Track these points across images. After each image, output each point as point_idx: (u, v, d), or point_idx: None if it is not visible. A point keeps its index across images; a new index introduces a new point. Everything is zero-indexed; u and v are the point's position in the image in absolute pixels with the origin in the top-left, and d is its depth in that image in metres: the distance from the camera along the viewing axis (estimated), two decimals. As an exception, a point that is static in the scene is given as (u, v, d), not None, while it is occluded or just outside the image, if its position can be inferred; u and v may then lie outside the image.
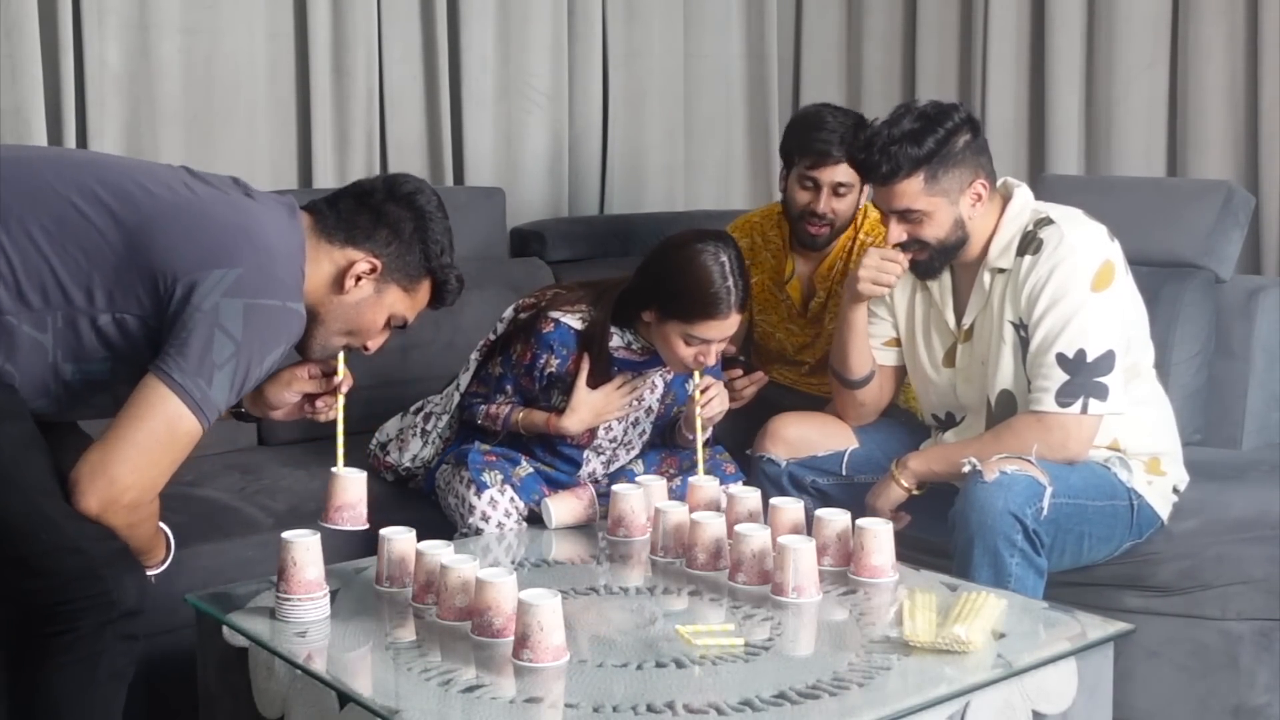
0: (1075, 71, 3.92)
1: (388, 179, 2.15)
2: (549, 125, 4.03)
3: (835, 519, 2.30)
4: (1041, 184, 3.32)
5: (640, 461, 2.78)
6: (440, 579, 2.03)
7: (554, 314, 2.63)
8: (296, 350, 2.09)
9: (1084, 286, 2.40)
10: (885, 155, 2.40)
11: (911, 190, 2.43)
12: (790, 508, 2.34)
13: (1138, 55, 3.80)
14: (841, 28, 4.54)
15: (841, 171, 2.90)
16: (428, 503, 2.73)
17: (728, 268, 2.50)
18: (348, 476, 2.19)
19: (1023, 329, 2.46)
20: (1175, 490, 2.58)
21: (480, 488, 2.55)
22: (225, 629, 2.05)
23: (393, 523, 2.24)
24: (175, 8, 3.38)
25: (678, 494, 2.58)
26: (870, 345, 2.67)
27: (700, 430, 2.59)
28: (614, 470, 2.76)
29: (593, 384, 2.61)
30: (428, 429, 2.77)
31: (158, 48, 3.36)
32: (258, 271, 1.92)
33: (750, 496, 2.40)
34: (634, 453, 2.78)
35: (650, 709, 1.73)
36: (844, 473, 2.72)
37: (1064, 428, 2.40)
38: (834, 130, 2.89)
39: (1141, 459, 2.52)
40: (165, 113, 3.38)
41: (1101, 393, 2.39)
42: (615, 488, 2.48)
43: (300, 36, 3.59)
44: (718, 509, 2.42)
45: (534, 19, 3.96)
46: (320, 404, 2.23)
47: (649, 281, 2.58)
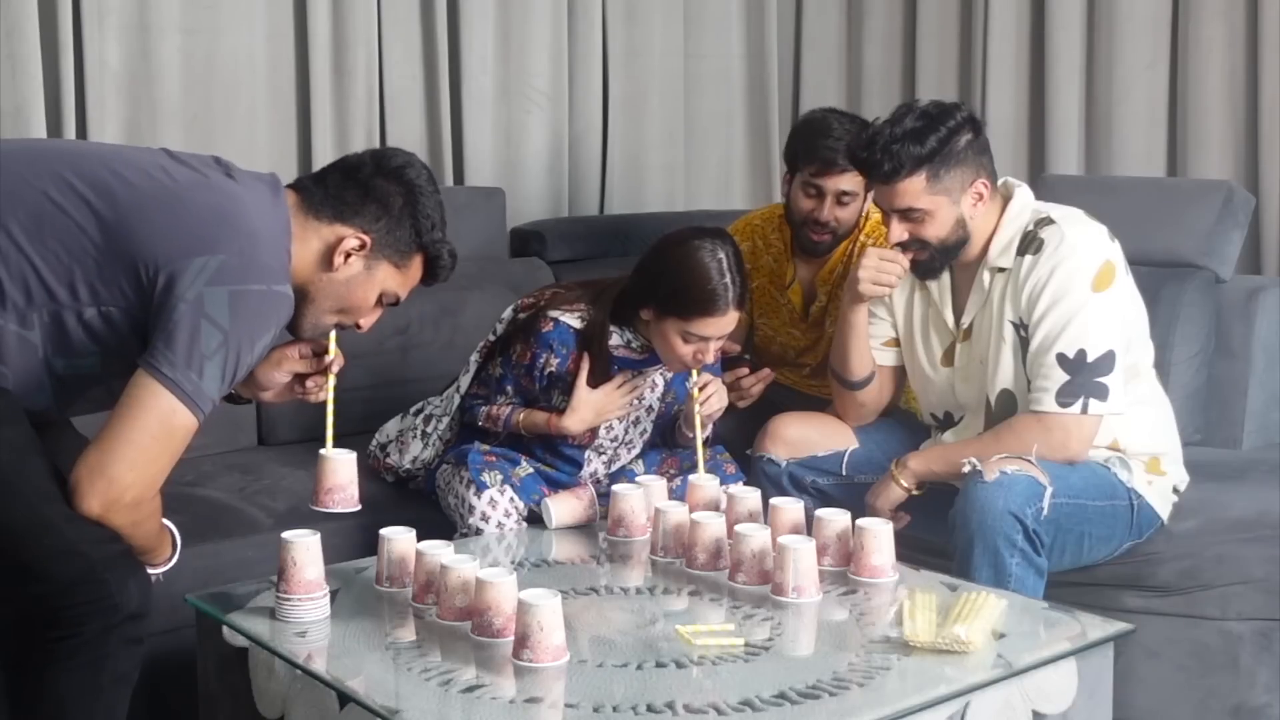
0: (1075, 71, 3.92)
1: (376, 153, 2.10)
2: (549, 125, 4.03)
3: (835, 519, 2.30)
4: (1041, 184, 3.31)
5: (640, 461, 2.78)
6: (440, 579, 2.03)
7: (553, 313, 2.62)
8: (288, 330, 2.05)
9: (1085, 287, 2.40)
10: (887, 154, 2.40)
11: (913, 189, 2.42)
12: (790, 508, 2.34)
13: (1138, 55, 3.80)
14: (841, 28, 4.54)
15: (847, 180, 2.86)
16: (428, 503, 2.73)
17: (725, 265, 2.49)
18: (337, 458, 2.15)
19: (1023, 329, 2.46)
20: (1175, 490, 2.58)
21: (480, 488, 2.55)
22: (225, 629, 2.05)
23: (393, 523, 2.24)
24: (175, 8, 3.37)
25: (678, 494, 2.58)
26: (870, 346, 2.67)
27: (700, 428, 2.59)
28: (615, 470, 2.76)
29: (593, 383, 2.61)
30: (428, 431, 2.77)
31: (158, 48, 3.36)
32: (240, 257, 1.88)
33: (750, 496, 2.40)
34: (635, 452, 2.78)
35: (650, 709, 1.73)
36: (844, 473, 2.72)
37: (1064, 428, 2.40)
38: (840, 138, 2.84)
39: (1141, 459, 2.52)
40: (165, 113, 3.38)
41: (1102, 393, 2.39)
42: (615, 488, 2.48)
43: (300, 36, 3.59)
44: (717, 508, 2.42)
45: (534, 19, 3.96)
46: (311, 384, 2.18)
47: (647, 279, 2.58)
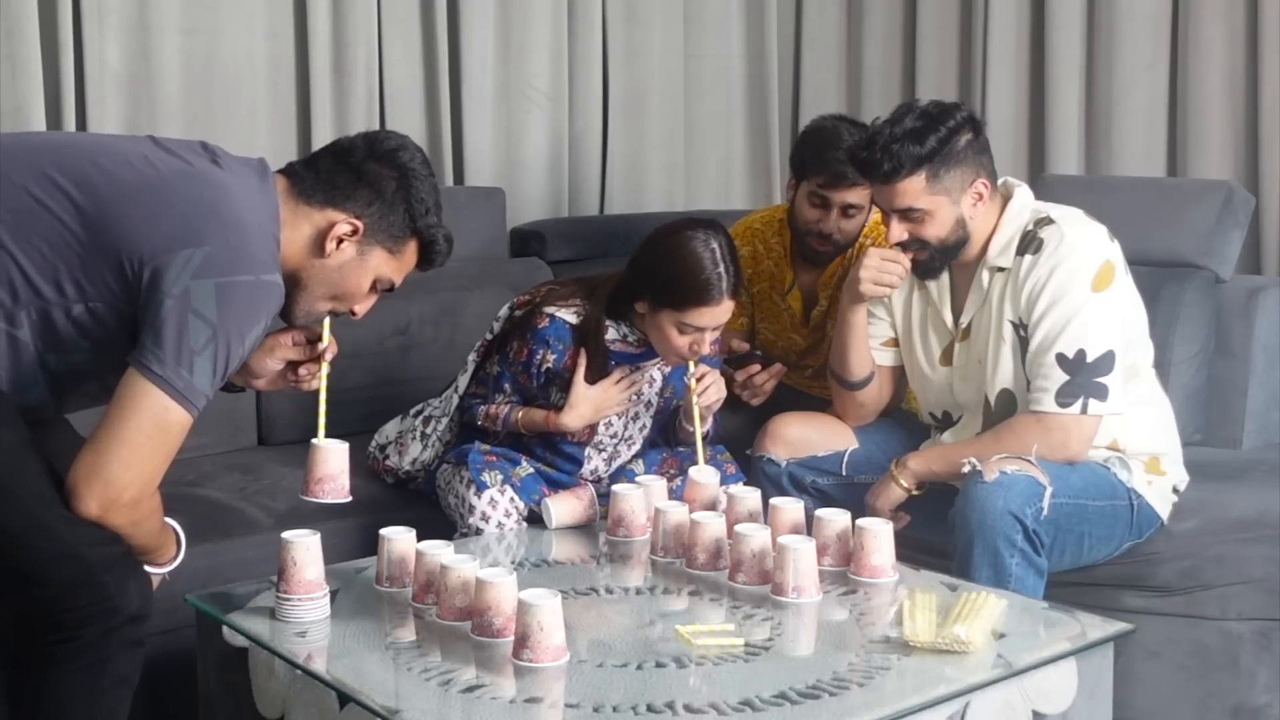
0: (1075, 71, 3.92)
1: (368, 136, 2.05)
2: (549, 125, 4.03)
3: (835, 519, 2.30)
4: (1041, 184, 3.31)
5: (641, 461, 2.78)
6: (440, 579, 2.03)
7: (548, 309, 2.63)
8: (280, 317, 2.02)
9: (1084, 287, 2.40)
10: (887, 153, 2.40)
11: (913, 189, 2.42)
12: (790, 508, 2.34)
13: (1138, 55, 3.80)
14: (841, 28, 4.53)
15: (854, 193, 2.83)
16: (428, 503, 2.73)
17: (718, 254, 2.49)
18: (328, 448, 2.11)
19: (1022, 329, 2.46)
20: (1175, 490, 2.58)
21: (480, 488, 2.55)
22: (225, 629, 2.05)
23: (393, 523, 2.24)
24: (175, 8, 3.37)
25: (678, 494, 2.58)
26: (869, 346, 2.67)
27: (699, 421, 2.59)
28: (616, 468, 2.76)
29: (590, 379, 2.61)
30: (427, 432, 2.77)
31: (158, 48, 3.35)
32: (226, 248, 1.84)
33: (750, 496, 2.40)
34: (635, 448, 2.78)
35: (650, 709, 1.73)
36: (844, 473, 2.72)
37: (1064, 428, 2.40)
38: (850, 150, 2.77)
39: (1141, 459, 2.52)
40: (165, 113, 3.37)
41: (1101, 393, 2.39)
42: (615, 488, 2.48)
43: (300, 36, 3.59)
44: (715, 506, 2.42)
45: (534, 19, 3.96)
46: (304, 371, 2.15)
47: (641, 272, 2.58)
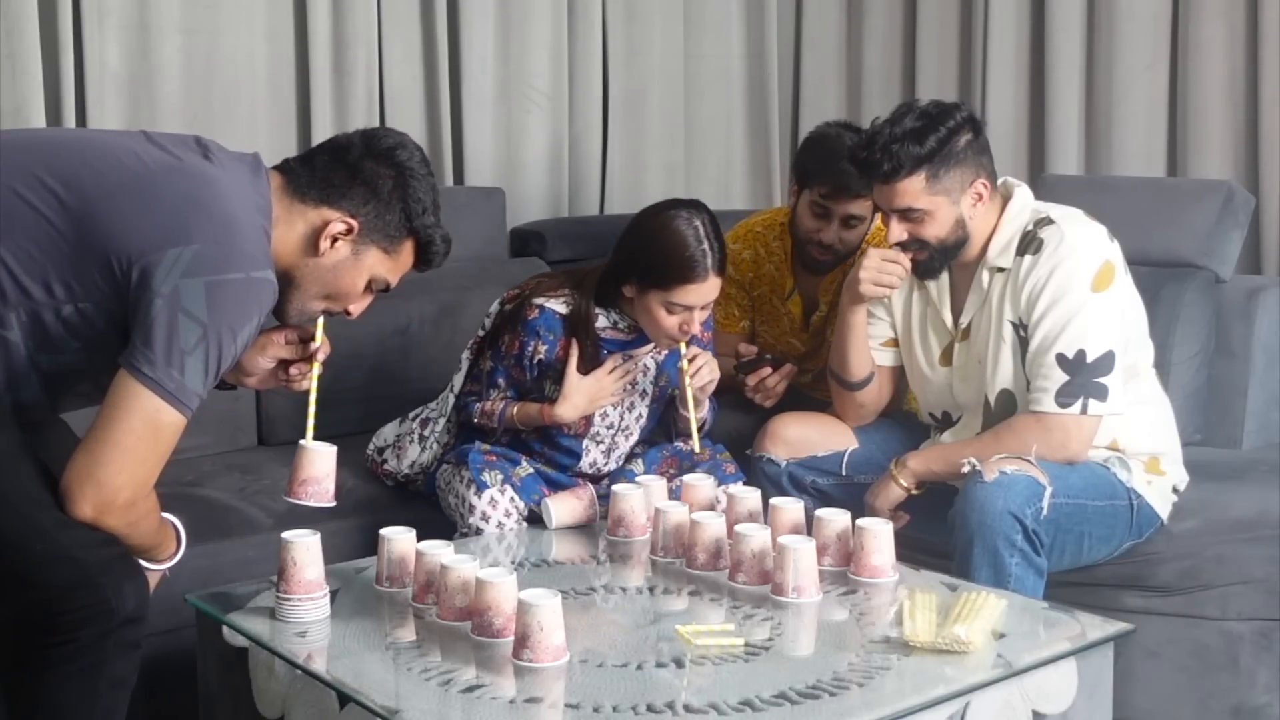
0: (1075, 71, 3.92)
1: (366, 134, 2.02)
2: (549, 125, 4.03)
3: (835, 519, 2.30)
4: (1041, 184, 3.31)
5: (640, 461, 2.78)
6: (440, 579, 2.03)
7: (538, 300, 2.63)
8: (274, 315, 1.99)
9: (1084, 287, 2.40)
10: (886, 153, 2.40)
11: (913, 189, 2.42)
12: (790, 508, 2.34)
13: (1138, 55, 3.80)
14: (841, 28, 4.53)
15: (857, 205, 2.81)
16: (428, 503, 2.72)
17: (702, 231, 2.51)
18: (315, 450, 2.09)
19: (1022, 329, 2.46)
20: (1175, 490, 2.58)
21: (480, 488, 2.55)
22: (225, 629, 2.05)
23: (393, 523, 2.24)
24: (175, 8, 3.37)
25: (678, 494, 2.58)
26: (869, 346, 2.67)
27: (694, 404, 2.60)
28: (615, 460, 2.76)
29: (583, 370, 2.61)
30: (424, 434, 2.77)
31: (158, 48, 3.35)
32: (216, 245, 1.81)
33: (750, 496, 2.40)
34: (633, 439, 2.78)
35: (650, 709, 1.73)
36: (844, 473, 2.72)
37: (1064, 428, 2.40)
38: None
39: (1141, 459, 2.52)
40: (165, 113, 3.37)
41: (1101, 393, 2.39)
42: (615, 488, 2.48)
43: (300, 36, 3.59)
44: (714, 506, 2.43)
45: (534, 19, 3.96)
46: (294, 371, 2.12)
47: (626, 255, 2.59)
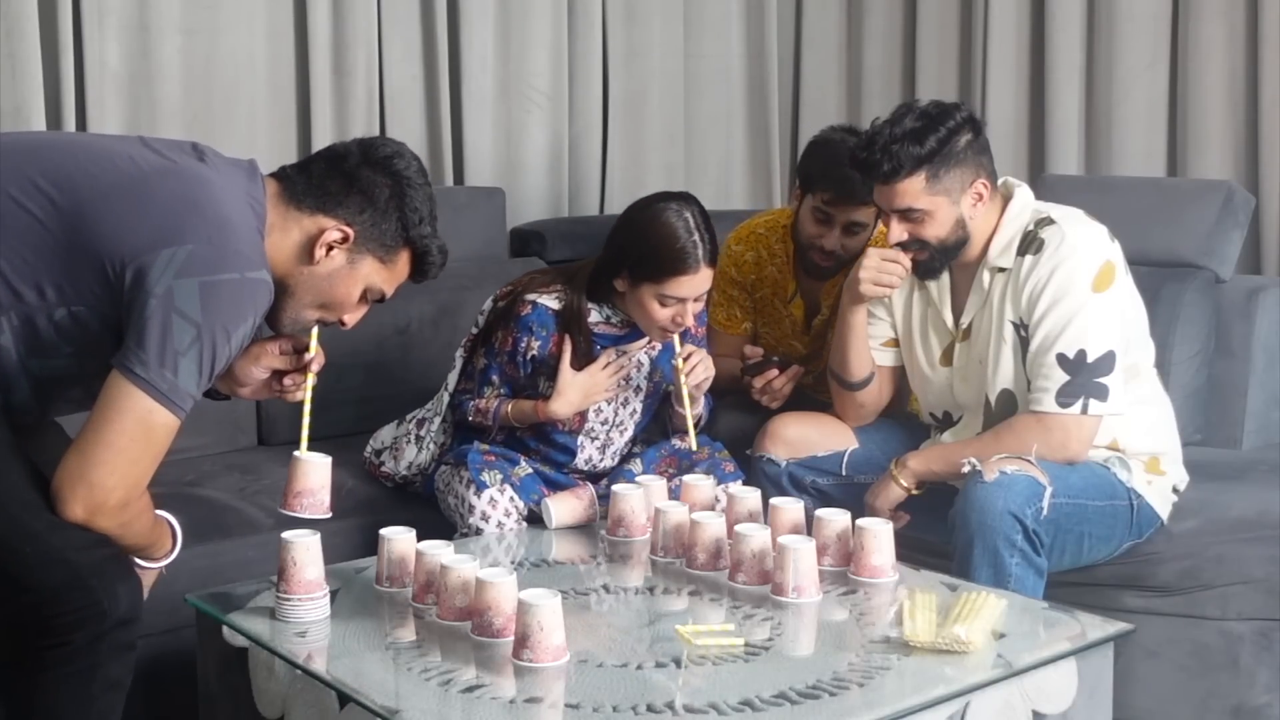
0: (1075, 71, 3.92)
1: (363, 142, 2.01)
2: (549, 125, 4.03)
3: (835, 519, 2.30)
4: (1041, 184, 3.31)
5: (639, 461, 2.78)
6: (440, 579, 2.03)
7: (530, 296, 2.64)
8: (267, 324, 1.97)
9: (1085, 287, 2.40)
10: (886, 154, 2.40)
11: (913, 189, 2.42)
12: (790, 508, 2.34)
13: (1138, 55, 3.80)
14: (841, 28, 4.53)
15: (860, 211, 2.79)
16: (427, 503, 2.72)
17: (692, 223, 2.51)
18: (310, 461, 2.08)
19: (1023, 329, 2.46)
20: (1175, 490, 2.58)
21: (480, 488, 2.55)
22: (225, 629, 2.05)
23: (392, 523, 2.24)
24: (175, 8, 3.37)
25: (677, 494, 2.58)
26: (869, 346, 2.67)
27: (689, 401, 2.60)
28: (611, 456, 2.77)
29: (576, 365, 2.61)
30: (421, 435, 2.77)
31: (158, 48, 3.35)
32: (209, 245, 1.80)
33: (750, 496, 2.40)
34: (628, 434, 2.79)
35: (650, 709, 1.73)
36: (844, 473, 2.72)
37: (1064, 428, 2.40)
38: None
39: (1141, 459, 2.52)
40: (165, 113, 3.37)
41: (1102, 393, 2.39)
42: (615, 488, 2.48)
43: (300, 36, 3.58)
44: (714, 506, 2.43)
45: (534, 19, 3.96)
46: (289, 381, 2.11)
47: (618, 249, 2.59)
